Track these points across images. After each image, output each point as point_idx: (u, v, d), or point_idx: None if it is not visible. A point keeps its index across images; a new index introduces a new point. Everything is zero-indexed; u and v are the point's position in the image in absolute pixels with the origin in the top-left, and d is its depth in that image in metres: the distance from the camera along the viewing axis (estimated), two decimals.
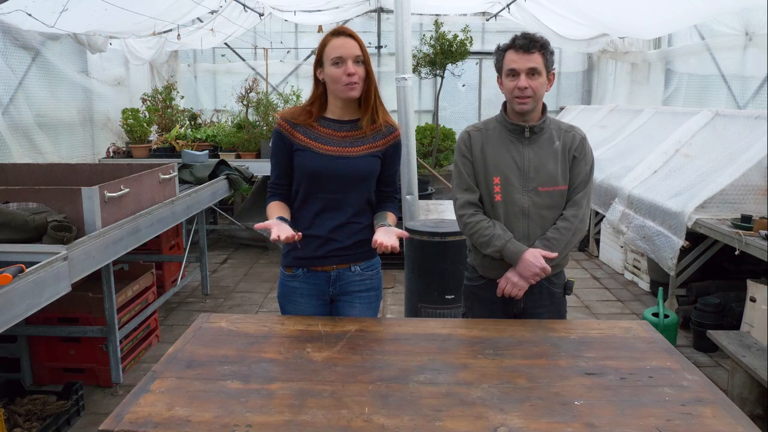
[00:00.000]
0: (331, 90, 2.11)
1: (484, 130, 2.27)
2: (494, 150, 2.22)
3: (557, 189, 2.20)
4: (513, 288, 2.20)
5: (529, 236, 2.20)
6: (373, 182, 2.22)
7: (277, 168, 2.21)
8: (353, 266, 2.22)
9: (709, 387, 1.67)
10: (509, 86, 2.16)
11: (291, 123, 2.15)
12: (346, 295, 2.24)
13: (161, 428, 1.44)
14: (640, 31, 7.35)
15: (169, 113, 7.13)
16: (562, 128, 2.27)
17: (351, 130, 2.15)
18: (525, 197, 2.18)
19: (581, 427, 1.45)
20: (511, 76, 2.15)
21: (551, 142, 2.22)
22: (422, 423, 1.47)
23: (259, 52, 9.33)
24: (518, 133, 2.21)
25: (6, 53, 5.08)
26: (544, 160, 2.19)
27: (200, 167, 5.31)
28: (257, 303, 5.04)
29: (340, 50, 2.04)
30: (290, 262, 2.22)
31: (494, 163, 2.21)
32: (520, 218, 2.19)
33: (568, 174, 2.23)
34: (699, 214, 4.01)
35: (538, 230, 2.20)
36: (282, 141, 2.16)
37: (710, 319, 3.97)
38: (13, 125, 5.08)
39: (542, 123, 2.22)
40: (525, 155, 2.19)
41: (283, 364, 1.79)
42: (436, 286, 3.61)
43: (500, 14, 8.84)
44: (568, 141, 2.23)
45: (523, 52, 2.12)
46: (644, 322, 2.18)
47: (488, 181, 2.21)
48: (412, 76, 4.30)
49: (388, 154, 2.20)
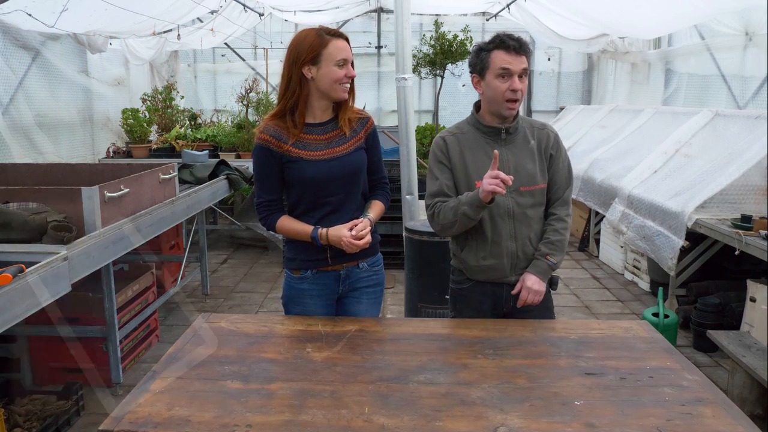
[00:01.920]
0: (322, 89, 2.09)
1: (459, 135, 2.24)
2: (473, 154, 2.20)
3: (538, 188, 2.21)
4: (535, 296, 2.18)
5: (515, 236, 2.20)
6: (365, 175, 2.25)
7: (267, 184, 2.17)
8: (361, 263, 2.24)
9: (709, 387, 1.67)
10: (500, 88, 2.11)
11: (276, 136, 2.12)
12: (354, 291, 2.26)
13: (161, 428, 1.45)
14: (640, 31, 7.35)
15: (169, 113, 7.14)
16: (535, 126, 2.27)
17: (332, 130, 2.17)
18: (508, 198, 2.17)
19: (581, 427, 1.45)
20: (502, 77, 2.10)
21: (526, 141, 2.22)
22: (422, 423, 1.47)
23: (259, 52, 9.33)
24: (494, 135, 2.20)
25: (6, 53, 5.08)
26: (523, 160, 2.19)
27: (200, 167, 5.31)
28: (257, 303, 5.04)
29: (345, 53, 2.06)
30: (299, 264, 2.22)
31: (474, 168, 2.19)
32: (506, 219, 2.19)
33: (546, 172, 2.23)
34: (699, 214, 4.00)
35: (523, 229, 2.20)
36: (270, 155, 2.12)
37: (710, 319, 3.97)
38: (13, 125, 5.08)
39: (516, 123, 2.21)
40: (503, 157, 2.17)
41: (283, 364, 1.79)
42: (436, 286, 3.61)
43: (500, 14, 8.85)
44: (543, 139, 2.24)
45: (515, 53, 2.09)
46: (644, 322, 2.18)
47: (471, 187, 2.18)
48: (412, 76, 4.31)
49: (369, 143, 2.24)
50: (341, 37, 2.08)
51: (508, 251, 2.19)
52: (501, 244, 2.19)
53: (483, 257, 2.21)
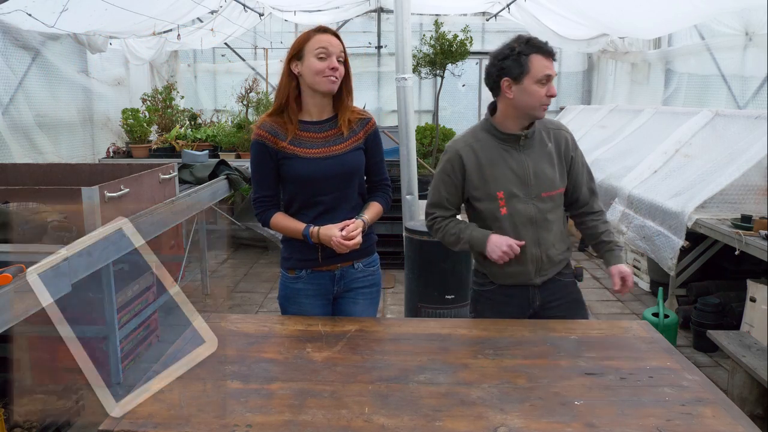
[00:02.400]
0: (308, 84, 2.09)
1: (475, 144, 2.19)
2: (491, 165, 2.16)
3: (557, 192, 2.20)
4: (629, 278, 2.23)
5: (539, 242, 2.18)
6: (362, 176, 2.24)
7: (263, 180, 2.18)
8: (356, 263, 2.24)
9: (709, 387, 1.67)
10: (538, 93, 2.05)
11: (272, 132, 2.13)
12: (349, 292, 2.26)
13: (161, 428, 1.45)
14: (640, 31, 7.34)
15: (169, 113, 7.13)
16: (549, 127, 2.23)
17: (330, 129, 2.16)
18: (530, 205, 2.15)
19: (581, 427, 1.45)
20: (541, 83, 2.05)
21: (543, 144, 2.19)
22: (422, 423, 1.47)
23: (259, 52, 9.33)
24: (512, 142, 2.16)
25: (6, 53, 5.08)
26: (541, 165, 2.17)
27: (200, 167, 5.31)
28: (257, 303, 5.04)
29: (324, 43, 2.05)
30: (293, 264, 2.22)
31: (494, 178, 2.15)
32: (528, 226, 2.17)
33: (565, 175, 2.22)
34: (699, 214, 4.00)
35: (546, 234, 2.19)
36: (266, 151, 2.13)
37: (710, 319, 3.97)
38: (13, 125, 5.08)
39: (533, 127, 2.18)
40: (522, 163, 2.15)
41: (283, 364, 1.79)
42: (436, 286, 3.61)
43: (500, 14, 8.85)
44: (561, 141, 2.21)
45: (552, 58, 2.06)
46: (644, 322, 2.18)
47: (491, 197, 2.16)
48: (412, 76, 4.30)
49: (369, 144, 2.22)
50: (326, 31, 2.08)
51: (533, 257, 2.19)
52: (525, 251, 2.17)
53: (507, 264, 2.16)
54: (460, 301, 3.57)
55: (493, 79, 2.13)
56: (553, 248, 2.21)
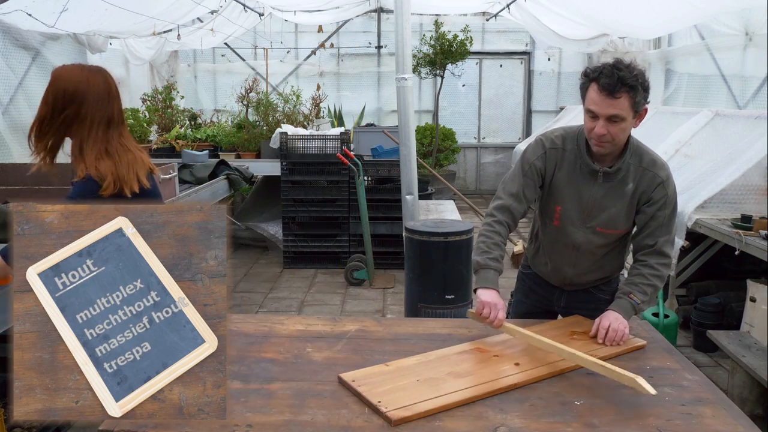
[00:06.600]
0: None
1: (561, 151, 2.07)
2: (564, 178, 2.06)
3: (615, 232, 2.08)
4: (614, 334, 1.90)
5: (575, 265, 2.17)
6: None
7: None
8: None
9: (709, 387, 1.67)
10: (587, 125, 1.95)
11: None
12: None
13: (161, 428, 1.45)
14: (640, 31, 7.35)
15: (169, 113, 7.13)
16: (642, 165, 2.02)
17: None
18: (580, 232, 2.09)
19: (581, 427, 1.45)
20: (590, 117, 1.92)
21: (624, 183, 2.02)
22: (422, 423, 1.47)
23: (259, 52, 9.33)
24: (592, 173, 2.03)
25: (6, 53, 5.08)
26: (610, 203, 2.04)
27: (200, 167, 5.31)
28: (257, 303, 5.04)
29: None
30: None
31: (559, 191, 2.07)
32: (570, 249, 2.13)
33: (632, 216, 2.07)
34: (699, 214, 4.00)
35: (585, 262, 2.16)
36: None
37: (710, 319, 3.96)
38: (13, 125, 5.08)
39: (620, 163, 2.00)
40: (592, 194, 2.03)
41: (283, 364, 1.79)
42: (436, 286, 3.60)
43: (500, 14, 8.85)
44: (644, 183, 2.02)
45: (606, 94, 1.84)
46: (644, 322, 2.18)
47: (549, 206, 2.13)
48: (412, 76, 4.30)
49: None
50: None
51: (563, 275, 2.23)
52: (560, 269, 2.21)
53: (544, 264, 2.27)
54: (460, 301, 3.57)
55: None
56: (587, 275, 2.20)
